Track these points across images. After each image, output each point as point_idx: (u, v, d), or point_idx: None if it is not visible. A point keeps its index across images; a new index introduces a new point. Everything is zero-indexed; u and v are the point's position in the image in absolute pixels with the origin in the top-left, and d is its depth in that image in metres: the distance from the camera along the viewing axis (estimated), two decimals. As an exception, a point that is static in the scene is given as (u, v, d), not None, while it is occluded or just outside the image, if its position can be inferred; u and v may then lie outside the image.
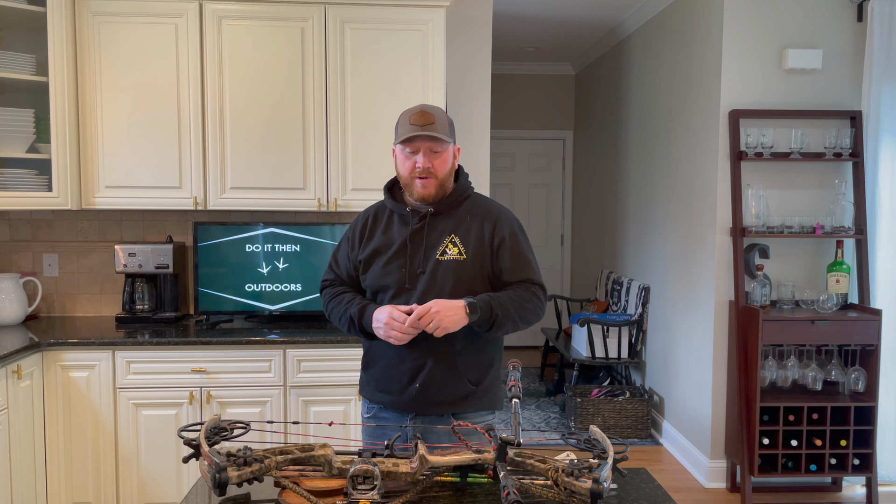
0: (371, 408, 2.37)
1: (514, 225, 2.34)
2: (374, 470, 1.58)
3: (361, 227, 2.38)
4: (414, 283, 2.25)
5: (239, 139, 3.75)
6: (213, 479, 1.53)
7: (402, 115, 2.26)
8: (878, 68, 4.07)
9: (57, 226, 4.07)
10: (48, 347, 3.41)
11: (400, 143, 2.23)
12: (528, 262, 2.31)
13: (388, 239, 2.32)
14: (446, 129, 2.23)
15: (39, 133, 3.75)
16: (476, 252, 2.26)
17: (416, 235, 2.28)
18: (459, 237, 2.27)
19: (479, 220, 2.30)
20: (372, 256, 2.32)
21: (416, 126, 2.19)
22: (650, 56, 5.56)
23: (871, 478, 4.06)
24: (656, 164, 5.40)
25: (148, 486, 3.51)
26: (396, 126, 2.27)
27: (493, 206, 2.37)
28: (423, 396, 2.23)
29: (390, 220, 2.35)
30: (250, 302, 3.87)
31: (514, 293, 2.23)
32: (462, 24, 4.35)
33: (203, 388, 3.48)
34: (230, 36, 3.72)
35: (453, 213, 2.31)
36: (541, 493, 1.63)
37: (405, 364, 2.24)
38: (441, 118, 2.23)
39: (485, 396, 2.29)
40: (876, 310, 3.99)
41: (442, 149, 2.23)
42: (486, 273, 2.27)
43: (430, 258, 2.25)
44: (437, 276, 2.23)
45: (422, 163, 2.20)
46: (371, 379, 2.34)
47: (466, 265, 2.24)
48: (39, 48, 3.69)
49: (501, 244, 2.28)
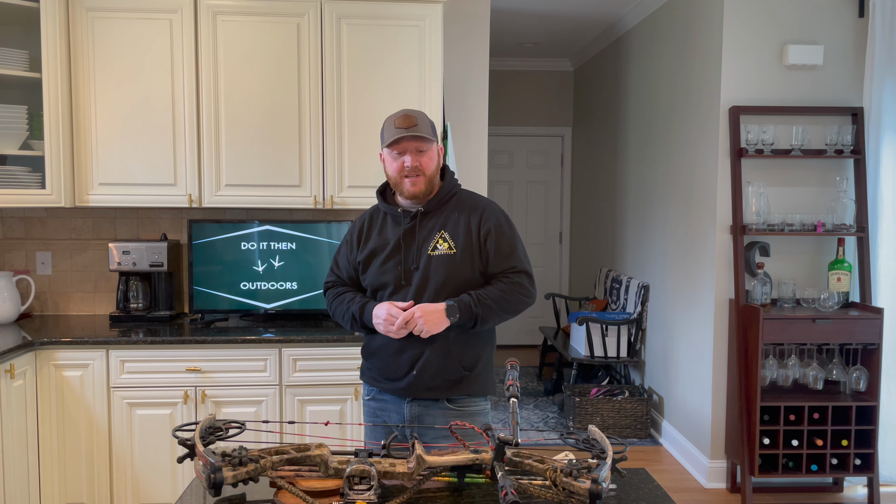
0: (371, 390, 2.56)
1: (498, 216, 2.47)
2: (371, 470, 1.58)
3: (359, 231, 2.55)
4: (409, 279, 2.41)
5: (234, 136, 3.72)
6: (208, 480, 1.53)
7: (387, 121, 2.41)
8: (879, 64, 4.04)
9: (50, 223, 4.04)
10: (41, 346, 3.39)
11: (387, 146, 2.39)
12: (514, 251, 2.44)
13: (383, 240, 2.47)
14: (429, 130, 2.39)
15: (32, 130, 3.72)
16: (465, 245, 2.40)
17: (408, 234, 2.44)
18: (449, 232, 2.42)
19: (466, 214, 2.45)
20: (370, 257, 2.48)
21: (402, 129, 2.35)
22: (650, 52, 5.54)
23: (872, 478, 4.04)
24: (656, 162, 5.38)
25: (142, 486, 3.48)
26: (382, 132, 2.43)
27: (478, 200, 2.51)
28: (419, 382, 2.40)
29: (384, 222, 2.51)
30: (245, 300, 3.85)
31: (498, 286, 2.39)
32: (459, 20, 4.33)
33: (198, 388, 3.46)
34: (225, 32, 3.69)
35: (442, 209, 2.46)
36: (539, 494, 1.62)
37: (404, 354, 2.40)
38: (423, 120, 2.39)
39: (477, 381, 2.45)
40: (877, 308, 3.97)
41: (427, 148, 2.38)
42: (476, 265, 2.41)
43: (423, 254, 2.41)
44: (430, 270, 2.39)
45: (410, 162, 2.35)
46: (372, 367, 2.52)
47: (456, 258, 2.40)
48: (32, 44, 3.66)
49: (487, 236, 2.42)
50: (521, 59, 7.86)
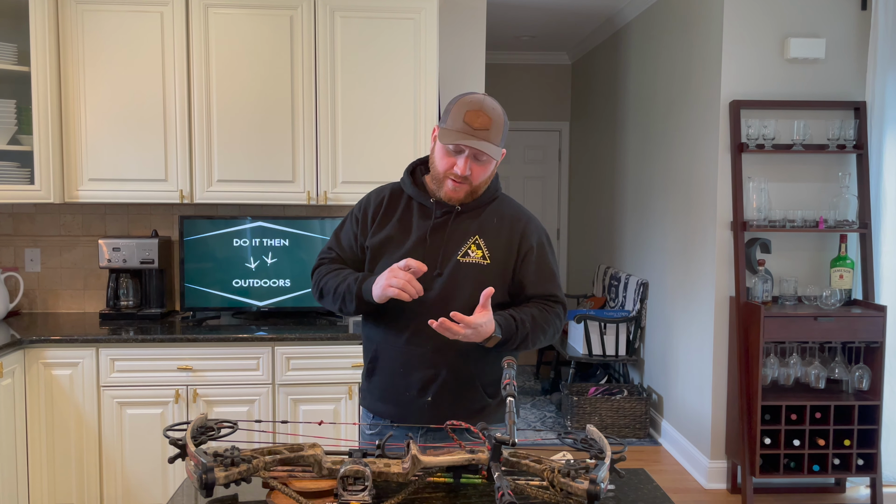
0: (375, 424, 2.18)
1: (542, 235, 2.19)
2: (365, 470, 1.57)
3: (375, 208, 2.17)
4: (429, 285, 2.04)
5: (226, 131, 3.68)
6: (200, 480, 1.51)
7: (459, 102, 2.03)
8: (882, 58, 4.01)
9: (39, 220, 3.99)
10: (30, 345, 3.36)
11: (444, 140, 2.02)
12: (554, 277, 2.16)
13: (404, 228, 2.12)
14: (499, 137, 2.03)
15: (21, 124, 3.69)
16: (501, 258, 2.10)
17: (437, 231, 2.10)
18: (485, 240, 2.10)
19: (507, 224, 2.14)
20: (384, 245, 2.13)
21: (469, 128, 1.97)
22: (649, 45, 5.50)
23: (875, 478, 4.01)
24: (655, 157, 5.34)
25: (133, 486, 3.45)
26: (447, 109, 2.05)
27: (521, 210, 2.22)
28: (435, 410, 2.05)
29: (408, 208, 2.15)
30: (238, 298, 3.81)
31: (539, 314, 2.08)
32: (455, 13, 4.29)
33: (189, 387, 3.43)
34: (217, 25, 3.65)
35: (479, 212, 2.13)
36: (536, 495, 1.61)
37: (414, 373, 2.07)
38: (498, 124, 2.01)
39: (499, 410, 2.14)
40: (880, 306, 3.94)
41: (487, 159, 2.03)
42: (507, 282, 2.11)
43: (450, 259, 2.08)
44: (457, 279, 2.06)
45: (461, 168, 2.01)
46: (374, 388, 2.16)
47: (489, 271, 2.08)
48: (21, 37, 3.62)
49: (528, 253, 2.12)
50: (517, 53, 7.81)
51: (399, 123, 3.74)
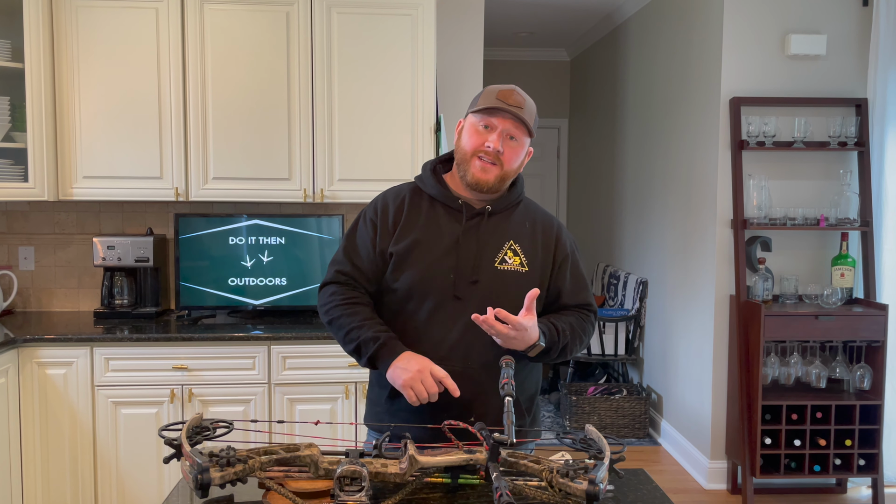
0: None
1: (572, 242, 2.12)
2: (362, 471, 1.56)
3: (396, 211, 2.01)
4: (466, 293, 1.93)
5: (222, 128, 3.65)
6: (195, 481, 1.50)
7: (488, 89, 1.97)
8: (884, 54, 3.99)
9: (33, 218, 3.96)
10: (24, 344, 3.33)
11: (476, 111, 1.95)
12: (587, 286, 2.10)
13: (432, 232, 1.97)
14: (531, 120, 1.98)
15: (15, 121, 3.66)
16: (539, 266, 2.00)
17: (469, 234, 1.97)
18: (520, 245, 2.00)
19: (539, 230, 2.05)
20: (410, 250, 1.96)
21: (503, 103, 1.92)
22: (648, 42, 5.48)
23: (876, 479, 3.99)
24: (654, 154, 5.32)
25: (127, 487, 3.42)
26: (475, 98, 2.00)
27: (549, 216, 2.14)
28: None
29: (433, 210, 2.01)
30: (233, 296, 3.78)
31: (577, 323, 2.01)
32: (453, 9, 4.27)
33: (184, 386, 3.40)
34: (212, 21, 3.63)
35: (509, 215, 2.04)
36: (535, 495, 1.61)
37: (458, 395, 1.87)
38: (531, 106, 1.99)
39: (534, 424, 2.08)
40: (882, 304, 3.92)
41: (519, 138, 1.97)
42: (545, 291, 2.01)
43: (485, 265, 1.96)
44: (497, 288, 1.94)
45: (494, 143, 1.92)
46: (400, 409, 1.95)
47: (529, 279, 1.97)
48: (15, 33, 3.59)
49: (564, 262, 2.05)
50: (516, 49, 7.79)
51: (396, 121, 3.71)
